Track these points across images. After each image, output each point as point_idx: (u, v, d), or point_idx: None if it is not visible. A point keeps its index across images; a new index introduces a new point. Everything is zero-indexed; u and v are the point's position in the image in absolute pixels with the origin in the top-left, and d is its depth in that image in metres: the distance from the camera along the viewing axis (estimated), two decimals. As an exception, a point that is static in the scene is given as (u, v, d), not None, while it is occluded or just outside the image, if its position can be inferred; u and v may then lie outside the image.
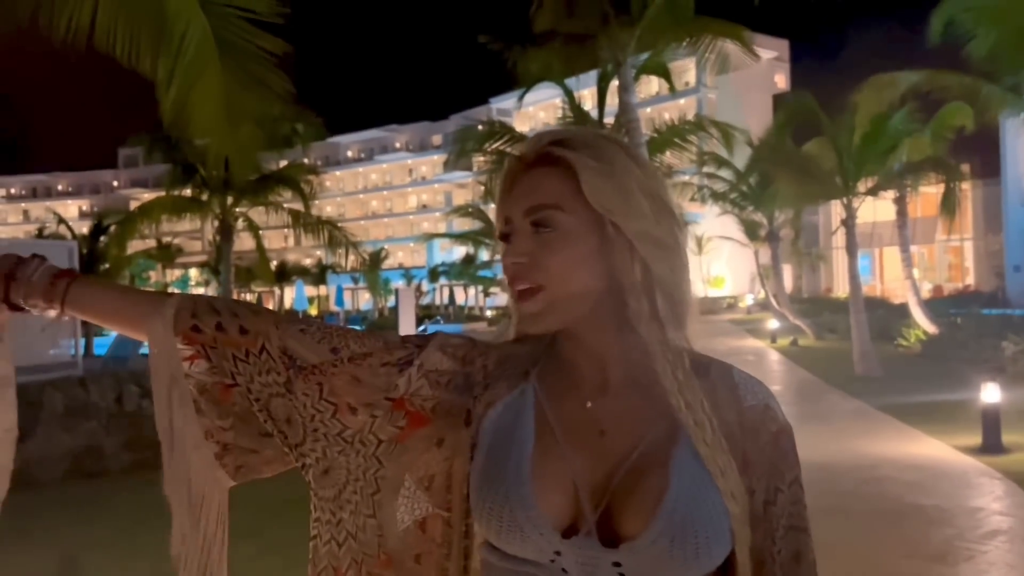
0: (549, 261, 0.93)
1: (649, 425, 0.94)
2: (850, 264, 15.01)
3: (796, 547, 0.96)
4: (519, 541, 0.91)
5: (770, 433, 0.96)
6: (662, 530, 0.87)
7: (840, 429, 9.31)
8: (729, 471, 0.91)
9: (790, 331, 22.26)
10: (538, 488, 0.92)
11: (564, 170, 0.94)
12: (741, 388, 0.97)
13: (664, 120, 15.97)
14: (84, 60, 5.48)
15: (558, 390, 0.99)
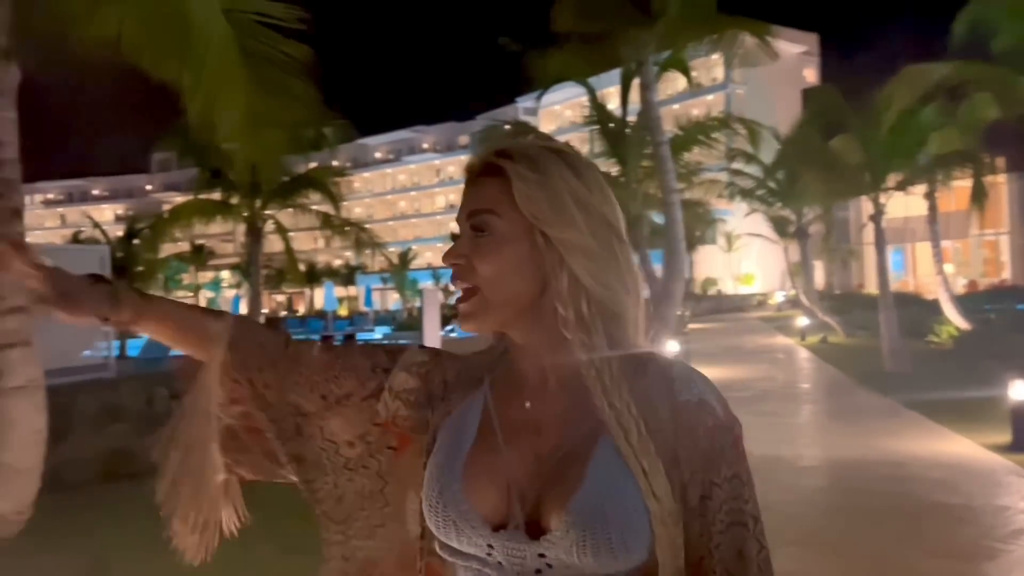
0: (482, 263, 0.99)
1: (578, 424, 0.98)
2: (878, 260, 14.86)
3: (738, 543, 0.95)
4: (455, 535, 0.97)
5: (705, 427, 0.96)
6: (573, 522, 0.90)
7: (867, 427, 9.23)
8: (653, 471, 0.92)
9: (820, 328, 22.04)
10: (471, 485, 0.98)
11: (503, 179, 1.00)
12: (677, 383, 0.98)
13: (691, 116, 15.91)
14: (118, 66, 5.61)
15: (506, 394, 1.05)
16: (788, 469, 7.37)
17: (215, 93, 5.82)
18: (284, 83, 6.25)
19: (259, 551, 5.46)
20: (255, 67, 5.99)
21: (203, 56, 5.59)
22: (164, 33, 5.56)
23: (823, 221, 27.61)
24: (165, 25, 5.55)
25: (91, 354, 11.39)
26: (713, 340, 23.21)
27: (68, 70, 5.82)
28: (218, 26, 5.65)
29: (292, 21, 5.96)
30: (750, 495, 0.97)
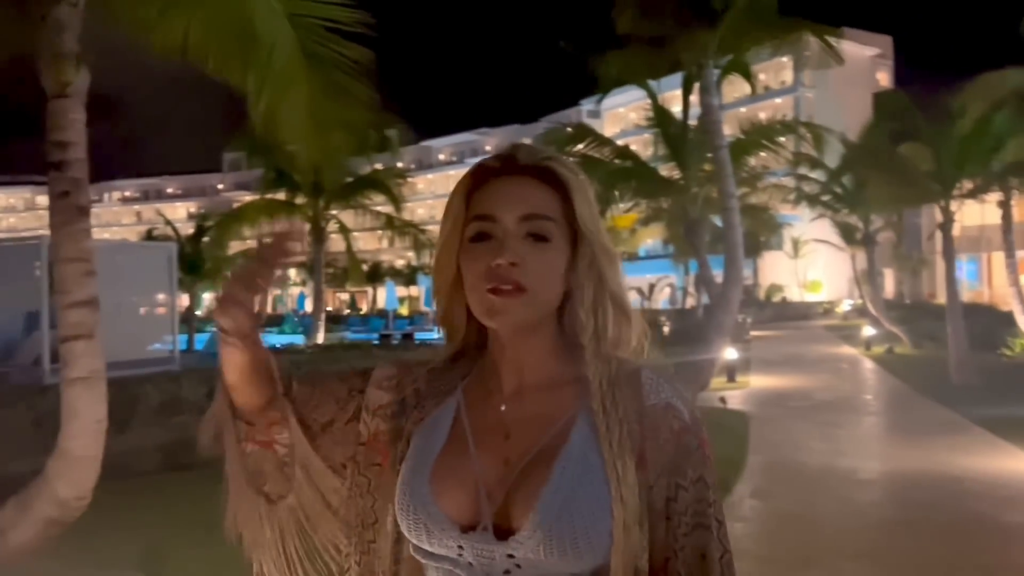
0: (539, 267, 1.00)
1: (550, 425, 1.01)
2: (947, 269, 14.42)
3: (701, 546, 0.97)
4: (425, 537, 0.99)
5: (672, 431, 0.99)
6: (539, 522, 0.93)
7: (927, 440, 8.96)
8: (626, 475, 0.95)
9: (886, 338, 21.47)
10: (440, 488, 1.00)
11: (556, 187, 1.03)
12: (645, 387, 1.02)
13: (759, 120, 15.65)
14: (191, 69, 5.79)
15: (478, 397, 1.08)
16: (844, 482, 7.22)
17: (278, 96, 5.96)
18: (346, 86, 6.35)
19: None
20: (318, 70, 6.11)
21: (266, 60, 5.73)
22: (229, 38, 5.71)
23: (893, 228, 26.90)
24: (230, 30, 5.70)
25: (158, 347, 11.79)
26: (775, 348, 22.79)
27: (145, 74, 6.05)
28: (282, 31, 5.78)
29: (355, 25, 6.06)
30: (714, 498, 1.00)
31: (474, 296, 1.02)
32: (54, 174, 4.92)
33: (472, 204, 1.05)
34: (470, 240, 1.03)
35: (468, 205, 1.05)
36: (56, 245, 4.91)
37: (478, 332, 1.11)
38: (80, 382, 4.80)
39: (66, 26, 4.98)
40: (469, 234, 1.03)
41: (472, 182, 1.06)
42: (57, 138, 4.94)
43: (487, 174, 1.05)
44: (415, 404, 1.10)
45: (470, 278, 1.02)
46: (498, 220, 1.01)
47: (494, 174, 1.05)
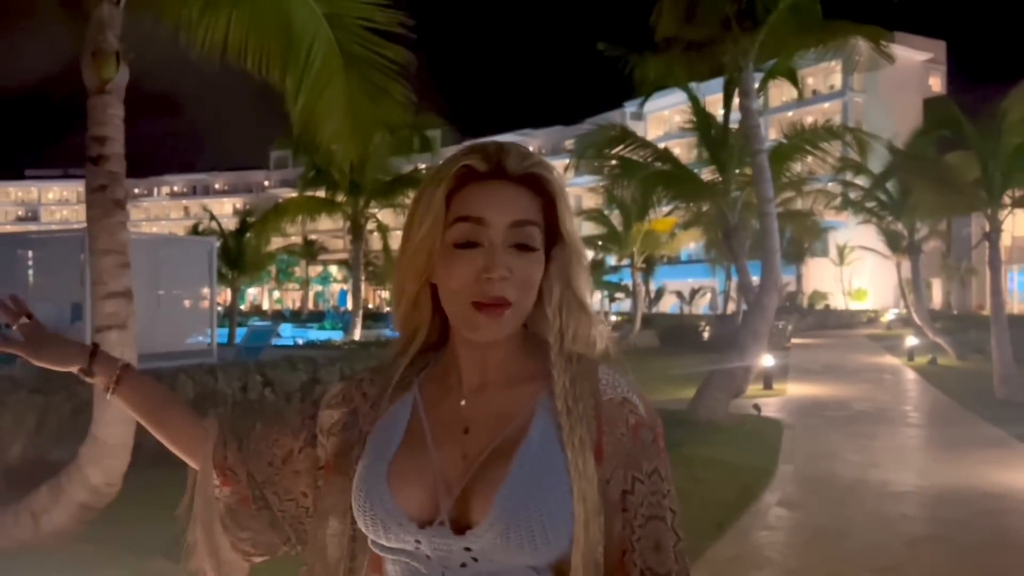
0: (524, 278, 1.01)
1: (509, 420, 1.02)
2: (992, 280, 14.06)
3: (656, 536, 0.99)
4: (383, 532, 1.00)
5: (628, 425, 1.01)
6: (497, 516, 0.94)
7: (966, 456, 8.74)
8: (588, 473, 0.96)
9: (929, 349, 21.02)
10: (397, 484, 1.01)
11: (540, 194, 1.04)
12: (602, 382, 1.03)
13: (806, 125, 15.43)
14: (237, 67, 5.89)
15: (437, 393, 1.09)
16: (875, 494, 7.09)
17: (317, 95, 6.03)
18: (384, 86, 6.40)
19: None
20: (356, 70, 6.17)
21: (304, 59, 5.81)
22: (268, 37, 5.80)
23: (941, 237, 26.31)
24: (269, 29, 5.79)
25: (198, 339, 12.02)
26: (815, 356, 22.45)
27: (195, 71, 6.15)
28: (320, 30, 5.86)
29: (393, 25, 6.10)
30: (669, 489, 1.01)
31: (455, 307, 1.02)
32: (92, 168, 5.06)
33: (453, 204, 1.02)
34: (454, 244, 1.00)
35: (448, 205, 1.02)
36: (92, 237, 5.04)
37: (440, 330, 1.11)
38: (113, 372, 4.92)
39: (108, 24, 5.11)
40: (454, 236, 1.00)
41: (454, 182, 1.02)
42: (96, 133, 5.07)
43: (470, 176, 1.02)
44: (370, 406, 1.11)
45: (452, 284, 1.01)
46: (487, 224, 1.00)
47: (479, 177, 1.02)
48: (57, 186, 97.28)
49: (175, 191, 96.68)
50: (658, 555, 0.98)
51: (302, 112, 6.03)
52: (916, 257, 21.87)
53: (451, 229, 1.01)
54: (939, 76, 57.76)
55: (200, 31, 5.53)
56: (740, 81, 11.08)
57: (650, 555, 0.98)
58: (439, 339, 1.12)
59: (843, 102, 53.93)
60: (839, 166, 19.33)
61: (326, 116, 6.28)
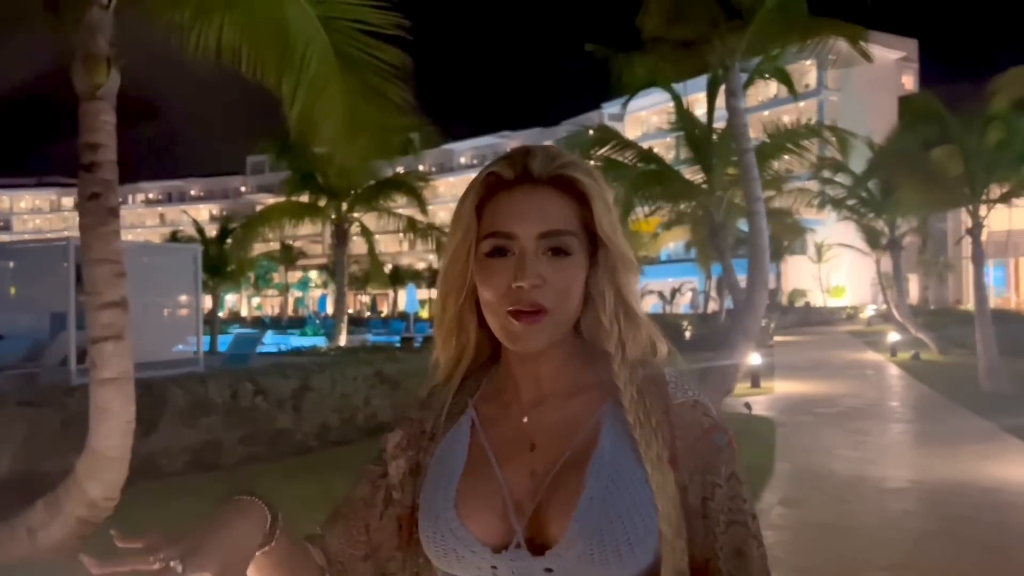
0: (561, 285, 0.96)
1: (576, 432, 0.98)
2: (976, 275, 14.19)
3: (737, 542, 0.95)
4: (456, 562, 0.96)
5: (702, 428, 0.97)
6: (579, 532, 0.90)
7: (959, 449, 8.80)
8: (667, 482, 0.92)
9: (912, 344, 21.22)
10: (466, 510, 0.97)
11: (574, 195, 0.99)
12: (671, 386, 1.00)
13: (782, 124, 15.53)
14: (214, 72, 5.79)
15: (494, 412, 1.05)
16: (875, 490, 7.11)
17: (314, 98, 5.95)
18: (381, 88, 6.32)
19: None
20: (352, 73, 6.09)
21: (301, 63, 5.73)
22: (263, 41, 5.71)
23: (918, 233, 26.55)
24: (263, 33, 5.70)
25: (181, 349, 11.86)
26: (799, 353, 22.60)
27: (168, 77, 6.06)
28: (315, 33, 5.78)
29: (389, 27, 6.03)
30: (747, 493, 0.98)
31: (494, 318, 0.99)
32: (85, 175, 4.95)
33: (484, 216, 0.99)
34: (486, 255, 0.98)
35: (480, 216, 1.00)
36: (86, 246, 4.94)
37: (491, 347, 1.07)
38: (110, 383, 4.82)
39: (98, 29, 5.01)
40: (484, 250, 0.98)
41: (483, 191, 1.00)
42: (88, 140, 4.97)
43: (499, 183, 1.00)
44: (428, 438, 1.07)
45: (487, 296, 0.98)
46: (515, 237, 0.97)
47: (507, 184, 0.99)
48: (29, 195, 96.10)
49: (150, 198, 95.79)
50: (741, 561, 0.95)
51: (299, 116, 5.94)
52: (897, 253, 22.07)
53: (484, 243, 0.99)
54: (912, 74, 58.46)
55: (193, 35, 5.44)
56: (728, 80, 11.10)
57: (733, 562, 0.95)
58: (491, 356, 1.09)
59: (818, 101, 54.41)
60: (820, 164, 19.49)
61: (324, 120, 6.20)
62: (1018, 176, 14.35)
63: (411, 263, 63.06)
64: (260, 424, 8.85)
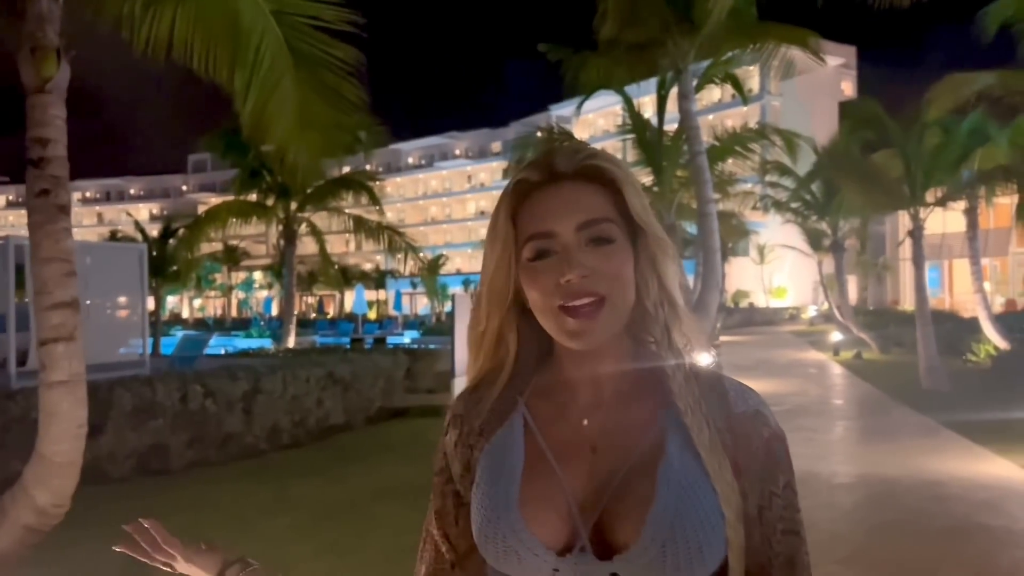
0: (611, 272, 0.95)
1: (639, 436, 0.97)
2: (917, 276, 14.61)
3: (790, 552, 0.96)
4: (516, 565, 0.94)
5: (762, 439, 0.97)
6: (652, 537, 0.89)
7: (904, 445, 9.07)
8: (725, 474, 0.93)
9: (854, 344, 21.76)
10: (529, 511, 0.95)
11: (604, 184, 0.99)
12: (731, 395, 0.99)
13: (726, 128, 15.81)
14: (157, 66, 5.65)
15: (549, 412, 1.03)
16: (826, 486, 7.26)
17: (267, 95, 5.84)
18: (336, 86, 6.23)
19: (295, 551, 5.49)
20: (307, 69, 5.99)
21: (255, 58, 5.62)
22: (216, 35, 5.59)
23: (857, 235, 27.27)
24: (215, 26, 5.57)
25: (127, 351, 11.54)
26: (745, 353, 23.00)
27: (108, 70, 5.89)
28: (268, 28, 5.68)
29: (343, 24, 5.94)
30: (798, 504, 1.00)
31: (547, 319, 0.97)
32: (33, 172, 4.77)
33: (520, 223, 0.99)
34: (529, 260, 0.98)
35: (515, 224, 1.00)
36: (35, 245, 4.76)
37: (537, 348, 1.06)
38: (60, 386, 4.65)
39: (47, 19, 4.84)
40: (527, 256, 0.98)
41: (515, 199, 1.00)
42: (37, 134, 4.79)
43: (529, 188, 1.00)
44: (478, 433, 1.06)
45: (537, 299, 0.97)
46: (555, 235, 0.96)
47: (536, 187, 0.99)
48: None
49: (87, 196, 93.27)
50: (792, 571, 0.96)
51: (252, 112, 5.83)
52: (840, 255, 22.61)
53: (525, 248, 0.98)
54: (851, 80, 59.98)
55: (143, 28, 5.30)
56: (680, 83, 11.25)
57: (786, 570, 0.96)
58: (541, 354, 1.07)
59: (761, 105, 55.47)
60: (766, 168, 19.87)
61: (277, 116, 6.09)
62: (955, 180, 14.84)
63: (358, 263, 62.52)
64: (209, 427, 8.67)
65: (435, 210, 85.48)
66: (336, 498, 6.99)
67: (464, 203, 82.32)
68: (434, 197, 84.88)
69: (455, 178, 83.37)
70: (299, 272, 33.32)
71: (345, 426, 10.43)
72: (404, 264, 20.05)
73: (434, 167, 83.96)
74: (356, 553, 5.34)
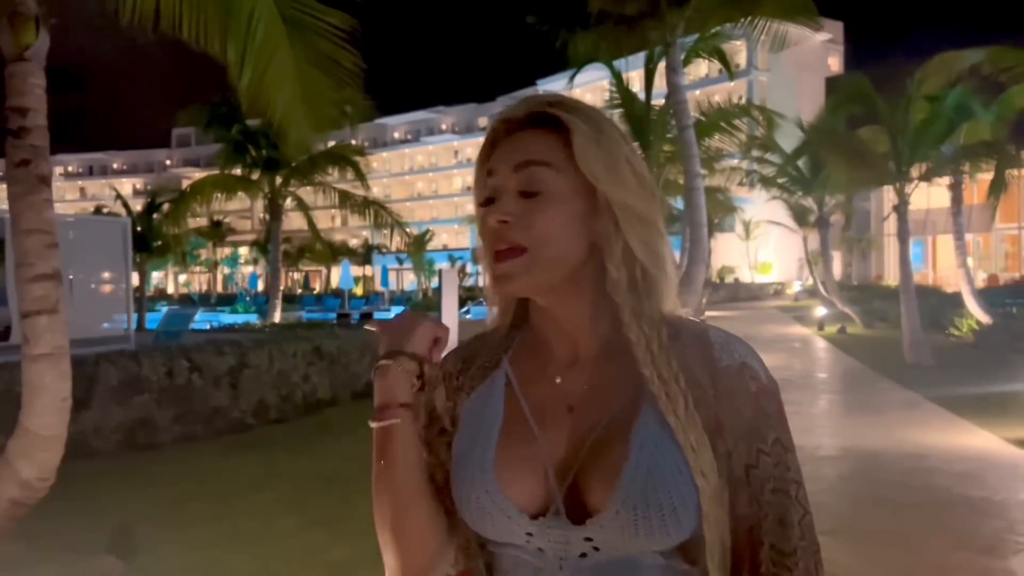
0: (535, 221, 0.92)
1: (616, 397, 0.93)
2: (901, 251, 14.67)
3: (780, 511, 0.91)
4: (490, 526, 0.93)
5: (749, 393, 0.92)
6: (624, 501, 0.86)
7: (888, 418, 9.16)
8: (700, 446, 0.88)
9: (838, 319, 21.90)
10: (504, 473, 0.93)
11: (556, 132, 0.94)
12: (716, 348, 0.94)
13: (712, 103, 15.76)
14: (141, 37, 5.53)
15: (529, 371, 1.00)
16: (810, 459, 7.31)
17: (263, 67, 5.70)
18: (332, 54, 6.11)
19: (283, 524, 5.50)
20: (301, 39, 5.86)
21: (248, 27, 5.50)
22: (204, 5, 5.46)
23: (842, 211, 27.34)
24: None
25: (111, 326, 11.48)
26: (730, 327, 22.12)
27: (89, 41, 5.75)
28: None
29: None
30: (792, 460, 0.93)
31: (487, 263, 0.96)
32: (13, 142, 4.69)
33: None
34: (479, 205, 0.97)
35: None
36: (15, 216, 4.69)
37: (520, 302, 1.04)
38: (44, 359, 4.61)
39: (26, -15, 4.74)
40: (478, 200, 0.97)
41: (486, 146, 0.99)
42: (16, 103, 4.70)
43: (498, 135, 0.98)
44: (458, 383, 1.04)
45: (482, 243, 0.96)
46: (495, 174, 0.95)
47: (505, 133, 0.97)
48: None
49: (70, 171, 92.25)
50: (783, 530, 0.91)
51: (249, 86, 5.71)
52: (826, 230, 22.66)
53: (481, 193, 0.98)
54: (838, 56, 59.88)
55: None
56: (669, 56, 11.19)
57: (775, 531, 0.91)
58: (523, 313, 1.05)
59: (748, 80, 55.33)
60: (751, 143, 19.85)
61: (275, 89, 5.97)
62: (939, 155, 14.89)
63: (344, 239, 62.29)
64: (195, 402, 8.64)
65: (421, 185, 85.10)
66: (323, 472, 7.00)
67: (451, 178, 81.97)
68: (420, 172, 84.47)
69: (441, 153, 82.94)
70: (285, 248, 33.20)
71: (332, 401, 10.42)
72: (391, 240, 19.97)
73: (420, 142, 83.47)
74: (344, 525, 5.35)
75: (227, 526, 5.43)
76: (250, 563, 4.79)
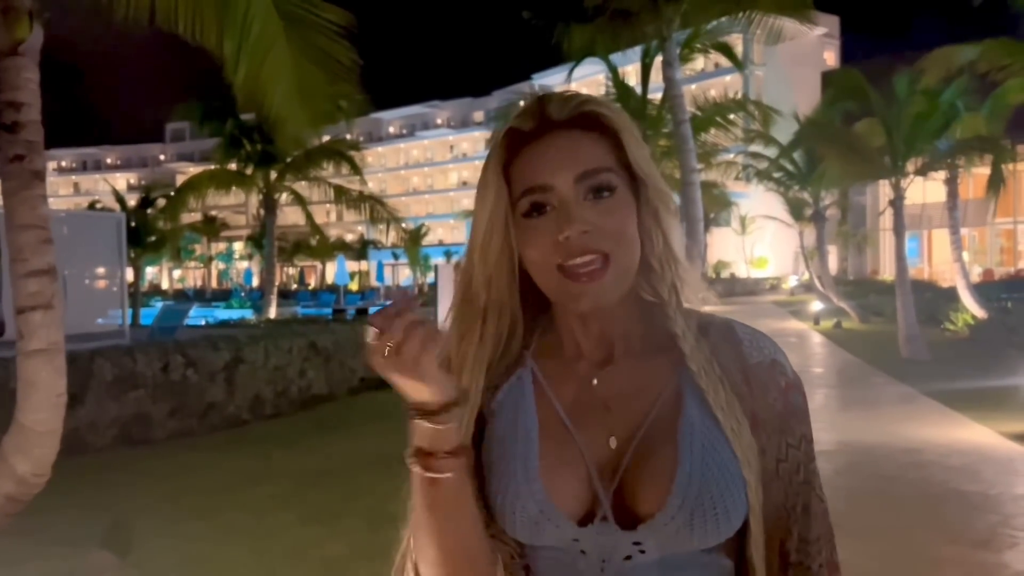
0: (613, 227, 0.89)
1: (654, 395, 0.92)
2: (897, 246, 14.69)
3: (805, 501, 0.94)
4: (536, 534, 0.90)
5: (779, 389, 0.93)
6: (680, 506, 0.85)
7: (884, 413, 9.18)
8: (745, 437, 0.89)
9: (834, 313, 21.92)
10: (549, 480, 0.90)
11: (603, 133, 0.92)
12: (746, 344, 0.95)
13: (709, 98, 15.75)
14: (135, 32, 5.50)
15: (557, 369, 0.97)
16: (805, 452, 7.34)
17: (260, 61, 5.67)
18: (329, 49, 6.07)
19: (279, 519, 5.49)
20: (297, 33, 5.83)
21: (244, 21, 5.47)
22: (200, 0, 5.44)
23: (838, 206, 27.40)
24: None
25: (106, 322, 11.46)
26: (726, 323, 23.08)
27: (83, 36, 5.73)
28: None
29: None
30: (813, 453, 0.96)
31: (545, 280, 0.91)
32: (7, 137, 4.68)
33: (513, 177, 0.92)
34: (524, 217, 0.91)
35: (508, 179, 0.92)
36: (10, 211, 4.68)
37: (538, 304, 0.98)
38: (39, 354, 4.60)
39: (19, -21, 4.72)
40: (522, 210, 0.91)
41: (505, 152, 0.93)
42: (9, 98, 4.68)
43: (520, 139, 0.92)
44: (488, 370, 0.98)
45: (535, 258, 0.90)
46: (552, 188, 0.89)
47: (529, 137, 0.92)
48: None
49: (63, 166, 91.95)
50: (808, 519, 0.94)
51: (245, 81, 5.68)
52: (822, 225, 22.68)
53: (519, 203, 0.91)
54: (833, 50, 59.92)
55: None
56: (665, 51, 11.17)
57: (802, 520, 0.94)
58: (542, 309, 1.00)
59: (743, 75, 55.27)
60: (748, 137, 19.86)
61: (271, 84, 5.94)
62: (935, 150, 14.90)
63: (340, 234, 62.20)
64: (190, 397, 8.63)
65: (417, 180, 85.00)
66: (319, 467, 6.99)
67: (446, 173, 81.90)
68: (416, 167, 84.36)
69: (437, 148, 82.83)
70: (280, 244, 33.14)
71: (327, 396, 10.42)
72: (386, 235, 19.95)
73: (416, 136, 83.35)
74: (340, 520, 5.35)
75: (222, 521, 5.42)
76: (245, 558, 4.78)
